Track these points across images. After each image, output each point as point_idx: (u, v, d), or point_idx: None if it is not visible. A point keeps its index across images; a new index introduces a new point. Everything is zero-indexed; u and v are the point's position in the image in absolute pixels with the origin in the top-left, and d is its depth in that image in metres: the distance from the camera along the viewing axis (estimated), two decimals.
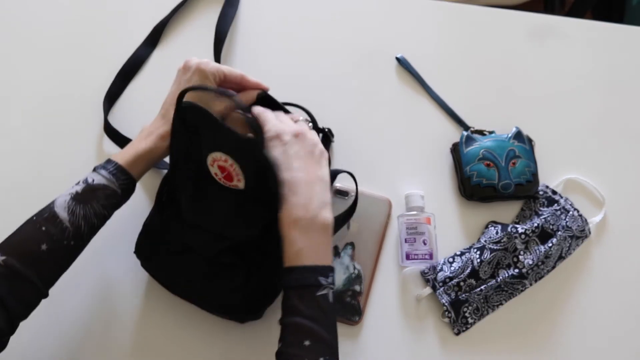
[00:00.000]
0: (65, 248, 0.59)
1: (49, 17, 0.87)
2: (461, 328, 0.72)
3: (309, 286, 0.56)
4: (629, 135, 0.83)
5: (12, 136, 0.81)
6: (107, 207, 0.61)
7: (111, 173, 0.61)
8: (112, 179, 0.61)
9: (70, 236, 0.59)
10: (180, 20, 0.87)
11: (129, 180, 0.63)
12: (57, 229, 0.58)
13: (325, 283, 0.56)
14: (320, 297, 0.56)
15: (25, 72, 0.84)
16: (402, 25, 0.88)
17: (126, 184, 0.62)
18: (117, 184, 0.61)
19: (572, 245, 0.75)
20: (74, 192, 0.60)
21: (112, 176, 0.61)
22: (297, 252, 0.57)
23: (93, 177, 0.61)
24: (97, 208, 0.60)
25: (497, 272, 0.73)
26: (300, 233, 0.57)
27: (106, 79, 0.82)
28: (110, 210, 0.63)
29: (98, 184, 0.61)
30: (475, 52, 0.86)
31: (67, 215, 0.59)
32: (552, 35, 0.88)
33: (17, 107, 0.82)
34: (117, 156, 0.63)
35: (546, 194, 0.77)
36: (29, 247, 0.57)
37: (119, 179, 0.62)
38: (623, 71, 0.86)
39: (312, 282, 0.56)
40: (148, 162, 0.65)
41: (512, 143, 0.77)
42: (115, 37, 0.86)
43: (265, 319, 0.69)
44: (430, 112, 0.83)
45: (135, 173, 0.64)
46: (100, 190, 0.61)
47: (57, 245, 0.58)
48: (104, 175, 0.61)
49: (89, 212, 0.60)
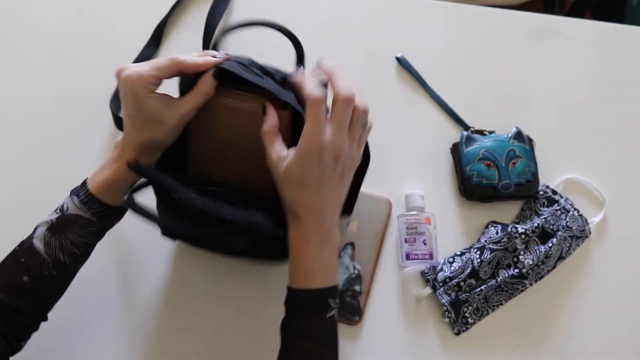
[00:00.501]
0: (48, 277, 0.58)
1: (49, 20, 0.87)
2: (461, 328, 0.72)
3: (319, 311, 0.55)
4: (629, 135, 0.83)
5: (21, 139, 0.81)
6: (86, 235, 0.59)
7: (82, 201, 0.58)
8: (83, 207, 0.58)
9: (49, 267, 0.57)
10: (181, 16, 0.87)
11: (102, 207, 0.58)
12: (35, 261, 0.57)
13: (334, 305, 0.56)
14: (328, 319, 0.55)
15: (28, 78, 0.84)
16: (402, 25, 0.88)
17: (100, 211, 0.58)
18: (90, 212, 0.58)
19: (572, 245, 0.75)
20: (50, 222, 0.58)
21: (82, 205, 0.58)
22: (307, 273, 0.55)
23: (68, 205, 0.58)
24: (73, 238, 0.58)
25: (497, 272, 0.73)
26: (310, 254, 0.55)
27: (111, 81, 0.82)
28: (93, 237, 0.60)
29: (71, 214, 0.58)
30: (475, 52, 0.86)
31: (43, 247, 0.57)
32: (552, 35, 0.88)
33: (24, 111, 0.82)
34: (91, 180, 0.59)
35: (546, 194, 0.77)
36: (11, 279, 0.57)
37: (90, 207, 0.58)
38: (623, 71, 0.86)
39: (322, 307, 0.55)
40: (120, 187, 0.59)
41: (512, 143, 0.77)
42: (117, 40, 0.86)
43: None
44: (430, 112, 0.83)
45: (110, 198, 0.59)
46: (73, 221, 0.58)
47: (38, 276, 0.57)
48: (76, 203, 0.58)
49: (65, 243, 0.58)
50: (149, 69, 0.54)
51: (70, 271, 0.60)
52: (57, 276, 0.58)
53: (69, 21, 0.87)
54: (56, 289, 0.61)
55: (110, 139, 0.80)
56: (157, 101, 0.55)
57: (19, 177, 0.79)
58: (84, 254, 0.60)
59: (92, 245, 0.61)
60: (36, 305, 0.59)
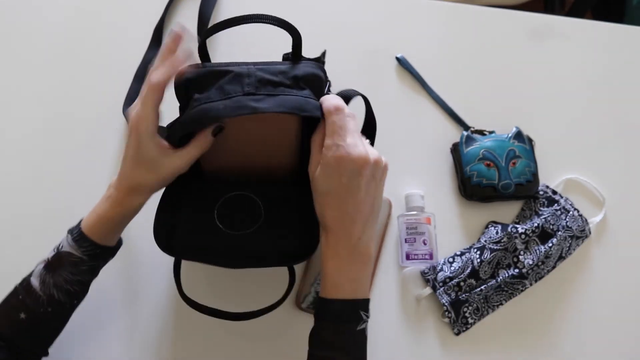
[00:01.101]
0: (44, 315, 0.59)
1: (48, 25, 0.87)
2: (461, 328, 0.72)
3: (349, 322, 0.54)
4: (629, 135, 0.83)
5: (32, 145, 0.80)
6: (78, 273, 0.59)
7: (74, 239, 0.59)
8: (74, 245, 0.59)
9: (45, 304, 0.58)
10: (176, 13, 0.87)
11: (93, 246, 0.59)
12: (32, 298, 0.58)
13: (366, 317, 0.55)
14: (358, 331, 0.55)
15: (28, 83, 0.83)
16: (402, 25, 0.88)
17: (90, 250, 0.59)
18: (81, 251, 0.59)
19: (572, 245, 0.75)
20: (47, 260, 0.60)
21: (74, 243, 0.59)
22: (334, 284, 0.55)
23: (63, 243, 0.60)
24: (66, 276, 0.59)
25: (497, 272, 0.73)
26: (338, 265, 0.55)
27: (118, 86, 0.82)
28: (86, 275, 0.60)
29: (64, 252, 0.59)
30: (476, 52, 0.86)
31: (38, 284, 0.58)
32: (552, 35, 0.88)
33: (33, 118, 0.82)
34: (85, 219, 0.60)
35: (546, 194, 0.77)
36: (11, 316, 0.58)
37: (81, 246, 0.59)
38: (623, 71, 0.86)
39: (353, 318, 0.54)
40: (110, 226, 0.60)
41: (512, 143, 0.77)
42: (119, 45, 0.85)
43: None
44: (430, 112, 0.83)
45: (100, 238, 0.59)
46: (65, 259, 0.59)
47: (34, 313, 0.58)
48: (69, 241, 0.59)
49: (58, 280, 0.59)
50: (141, 107, 0.54)
51: (65, 308, 0.61)
52: (52, 313, 0.59)
53: (69, 26, 0.87)
54: (53, 325, 0.62)
55: (113, 143, 0.80)
56: (156, 147, 0.56)
57: (36, 182, 0.78)
58: (78, 292, 0.61)
59: (86, 283, 0.62)
60: (34, 341, 0.60)
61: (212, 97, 0.54)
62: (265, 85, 0.55)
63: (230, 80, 0.55)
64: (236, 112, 0.52)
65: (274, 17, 0.56)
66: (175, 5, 0.88)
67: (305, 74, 0.57)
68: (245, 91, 0.54)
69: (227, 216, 0.60)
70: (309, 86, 0.57)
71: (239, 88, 0.54)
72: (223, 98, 0.54)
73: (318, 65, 0.60)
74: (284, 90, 0.55)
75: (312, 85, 0.57)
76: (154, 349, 0.71)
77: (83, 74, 0.84)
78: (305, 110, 0.54)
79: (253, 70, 0.56)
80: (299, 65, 0.58)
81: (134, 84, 0.82)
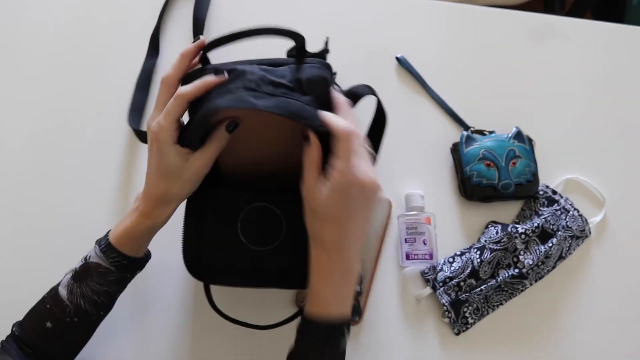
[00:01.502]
0: (70, 324, 0.59)
1: (44, 33, 0.87)
2: (461, 328, 0.72)
3: (329, 341, 0.55)
4: (629, 135, 0.83)
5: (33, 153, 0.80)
6: (106, 284, 0.60)
7: (102, 250, 0.60)
8: (102, 256, 0.59)
9: (71, 314, 0.59)
10: (171, 19, 0.87)
11: (121, 257, 0.60)
12: (59, 308, 0.59)
13: (347, 335, 0.56)
14: (340, 353, 0.55)
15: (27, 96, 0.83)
16: (402, 25, 0.88)
17: (118, 261, 0.60)
18: (108, 261, 0.59)
19: (572, 245, 0.75)
20: (74, 270, 0.60)
21: (102, 254, 0.59)
22: (323, 302, 0.55)
23: (91, 254, 0.60)
24: (93, 286, 0.59)
25: (497, 272, 0.73)
26: (329, 283, 0.55)
27: (116, 93, 0.82)
28: (113, 286, 0.61)
29: (92, 262, 0.60)
30: (476, 52, 0.86)
31: (66, 294, 0.59)
32: (552, 35, 0.88)
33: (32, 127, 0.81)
34: (112, 230, 0.61)
35: (546, 194, 0.77)
36: (38, 325, 0.59)
37: (108, 257, 0.59)
38: (623, 71, 0.86)
39: (334, 338, 0.55)
40: (138, 239, 0.60)
41: (512, 143, 0.77)
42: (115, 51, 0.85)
43: None
44: (430, 112, 0.83)
45: (128, 249, 0.60)
46: (93, 269, 0.59)
47: (60, 322, 0.59)
48: (97, 252, 0.60)
49: (86, 290, 0.59)
50: (164, 117, 0.56)
51: (92, 319, 0.61)
52: (78, 323, 0.60)
53: (64, 33, 0.87)
54: (79, 336, 0.62)
55: (113, 151, 0.80)
56: (176, 154, 0.56)
57: (20, 189, 0.78)
58: (105, 303, 0.61)
59: (113, 294, 0.62)
60: (59, 350, 0.61)
61: (215, 96, 0.55)
62: (267, 84, 0.55)
63: (233, 78, 0.56)
64: (234, 105, 0.53)
65: (277, 29, 0.57)
66: (168, 9, 0.87)
67: (310, 77, 0.57)
68: (247, 86, 0.55)
69: (250, 229, 0.61)
70: (313, 90, 0.56)
71: (240, 84, 0.55)
72: (224, 94, 0.55)
73: (323, 63, 0.60)
74: (284, 92, 0.55)
75: (316, 89, 0.57)
76: (168, 351, 0.71)
77: (80, 82, 0.83)
78: (302, 118, 0.53)
79: (256, 69, 0.56)
80: (304, 66, 0.58)
81: (136, 93, 0.81)
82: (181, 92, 0.55)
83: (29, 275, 0.72)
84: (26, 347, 0.59)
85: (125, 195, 0.77)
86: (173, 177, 0.57)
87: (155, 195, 0.58)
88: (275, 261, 0.61)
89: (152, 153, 0.57)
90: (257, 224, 0.61)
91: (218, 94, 0.55)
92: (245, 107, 0.53)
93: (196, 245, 0.61)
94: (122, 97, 0.81)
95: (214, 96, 0.55)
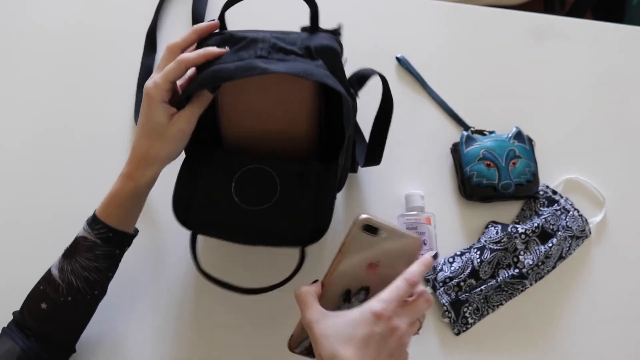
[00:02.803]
0: (64, 304, 0.59)
1: (40, 35, 0.87)
2: (461, 328, 0.72)
3: None
4: (629, 135, 0.83)
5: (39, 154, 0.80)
6: (94, 259, 0.59)
7: (88, 223, 0.60)
8: (88, 228, 0.59)
9: (64, 292, 0.59)
10: (168, 15, 0.87)
11: (106, 228, 0.59)
12: (52, 287, 0.59)
13: None
14: None
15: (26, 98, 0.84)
16: (402, 25, 0.88)
17: (103, 232, 0.59)
18: (93, 234, 0.59)
19: (572, 245, 0.75)
20: (66, 249, 0.60)
21: (88, 226, 0.59)
22: None
23: (80, 230, 0.60)
24: (82, 262, 0.59)
25: (497, 272, 0.73)
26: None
27: (116, 92, 0.82)
28: (102, 262, 0.60)
29: (79, 236, 0.60)
30: (476, 52, 0.86)
31: (57, 272, 0.59)
32: (552, 35, 0.88)
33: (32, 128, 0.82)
34: (100, 203, 0.61)
35: (546, 194, 0.77)
36: (32, 307, 0.60)
37: (93, 229, 0.59)
38: (623, 71, 0.86)
39: None
40: (121, 206, 0.59)
41: (512, 143, 0.77)
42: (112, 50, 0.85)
43: None
44: (430, 112, 0.83)
45: (113, 219, 0.59)
46: (81, 243, 0.59)
47: (54, 303, 0.59)
48: (84, 226, 0.60)
49: (75, 267, 0.59)
50: (162, 75, 0.56)
51: (86, 299, 0.61)
52: (72, 302, 0.60)
53: (61, 35, 0.87)
54: (75, 315, 0.62)
55: (115, 151, 0.80)
56: (163, 113, 0.57)
57: (49, 191, 0.78)
58: (97, 280, 0.61)
59: (104, 271, 0.61)
60: (56, 331, 0.61)
61: (226, 60, 0.56)
62: (278, 51, 0.57)
63: (245, 45, 0.57)
64: (247, 73, 0.54)
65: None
66: (166, 6, 0.87)
67: (319, 45, 0.58)
68: (258, 54, 0.56)
69: (244, 190, 0.61)
70: (322, 57, 0.58)
71: (252, 52, 0.56)
72: (235, 60, 0.56)
73: (334, 37, 0.61)
74: (295, 58, 0.57)
75: (326, 56, 0.58)
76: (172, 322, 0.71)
77: (79, 82, 0.83)
78: (314, 76, 0.54)
79: (268, 37, 0.58)
80: (315, 37, 0.59)
81: (139, 94, 0.82)
82: (183, 58, 0.56)
83: (28, 275, 0.72)
84: (26, 329, 0.59)
85: None
86: (157, 135, 0.57)
87: (138, 155, 0.58)
88: (266, 220, 0.61)
89: (142, 109, 0.58)
90: (252, 185, 0.62)
91: (229, 57, 0.56)
92: (258, 73, 0.54)
93: (187, 197, 0.61)
94: (121, 94, 0.82)
95: (226, 59, 0.56)
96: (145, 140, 0.58)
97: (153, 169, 0.59)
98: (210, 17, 0.86)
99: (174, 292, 0.73)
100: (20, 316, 0.60)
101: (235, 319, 0.72)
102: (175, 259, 0.74)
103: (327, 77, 0.55)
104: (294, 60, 0.56)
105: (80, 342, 0.64)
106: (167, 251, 0.74)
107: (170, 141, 0.58)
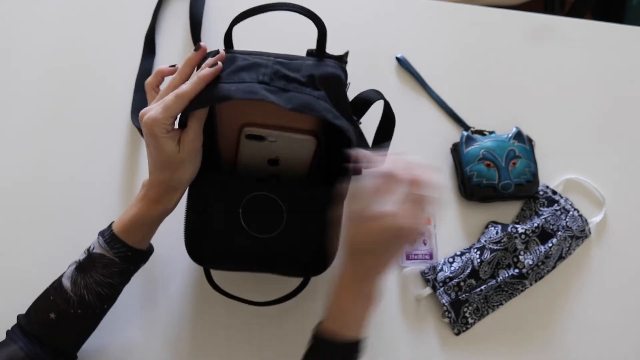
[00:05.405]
0: (74, 316, 0.60)
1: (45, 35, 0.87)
2: (461, 328, 0.72)
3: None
4: (628, 135, 0.83)
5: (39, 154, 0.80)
6: (109, 275, 0.60)
7: (106, 241, 0.60)
8: (106, 247, 0.59)
9: (75, 305, 0.59)
10: (166, 18, 0.87)
11: (125, 248, 0.60)
12: (62, 299, 0.59)
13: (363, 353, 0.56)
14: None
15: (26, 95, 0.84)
16: (402, 25, 0.88)
17: (122, 251, 0.60)
18: (112, 252, 0.59)
19: (572, 245, 0.75)
20: (78, 261, 0.61)
21: (106, 244, 0.60)
22: (345, 320, 0.55)
23: (94, 245, 0.61)
24: (97, 278, 0.60)
25: (497, 272, 0.73)
26: (354, 304, 0.55)
27: (115, 94, 0.82)
28: (117, 278, 0.61)
29: (96, 253, 0.60)
30: (475, 52, 0.86)
31: (70, 285, 0.60)
32: (552, 35, 0.88)
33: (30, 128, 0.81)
34: (117, 221, 0.61)
35: (546, 194, 0.77)
36: (41, 316, 0.60)
37: (112, 247, 0.60)
38: (623, 71, 0.86)
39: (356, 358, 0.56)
40: (145, 226, 0.61)
41: (512, 143, 0.77)
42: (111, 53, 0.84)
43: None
44: (430, 112, 0.83)
45: (133, 240, 0.60)
46: (97, 260, 0.60)
47: (64, 314, 0.59)
48: (101, 243, 0.60)
49: (89, 282, 0.59)
50: (162, 111, 0.56)
51: (95, 312, 0.61)
52: (82, 315, 0.60)
53: (59, 36, 0.87)
54: (82, 328, 0.62)
55: (112, 151, 0.80)
56: (171, 142, 0.57)
57: (48, 191, 0.78)
58: (108, 295, 0.61)
59: (117, 286, 0.62)
60: (63, 342, 0.61)
61: (226, 80, 0.56)
62: (280, 78, 0.56)
63: (248, 68, 0.57)
64: (246, 95, 0.54)
65: (302, 7, 0.59)
66: (163, 10, 0.87)
67: (324, 74, 0.57)
68: (260, 79, 0.55)
69: (251, 217, 0.62)
70: (325, 87, 0.57)
71: (254, 75, 0.56)
72: (236, 82, 0.55)
73: (339, 65, 0.61)
74: (296, 87, 0.56)
75: (329, 86, 0.57)
76: (173, 335, 0.71)
77: (79, 81, 0.83)
78: (313, 110, 0.54)
79: (271, 62, 0.57)
80: (320, 64, 0.58)
81: (136, 94, 0.81)
82: (183, 92, 0.56)
83: (29, 273, 0.72)
84: (31, 335, 0.59)
85: (126, 191, 0.77)
86: (174, 165, 0.58)
87: (162, 182, 0.59)
88: (275, 248, 0.62)
89: (148, 144, 0.58)
90: (258, 212, 0.62)
91: (232, 80, 0.56)
92: (257, 98, 0.54)
93: (198, 236, 0.62)
94: (120, 94, 0.81)
95: (226, 80, 0.56)
96: (165, 172, 0.58)
97: (179, 192, 0.61)
98: (207, 19, 0.86)
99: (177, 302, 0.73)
100: (26, 322, 0.60)
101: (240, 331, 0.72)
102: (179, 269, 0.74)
103: (327, 112, 0.55)
104: (295, 89, 0.56)
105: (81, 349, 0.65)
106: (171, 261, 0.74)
107: (189, 163, 0.59)
